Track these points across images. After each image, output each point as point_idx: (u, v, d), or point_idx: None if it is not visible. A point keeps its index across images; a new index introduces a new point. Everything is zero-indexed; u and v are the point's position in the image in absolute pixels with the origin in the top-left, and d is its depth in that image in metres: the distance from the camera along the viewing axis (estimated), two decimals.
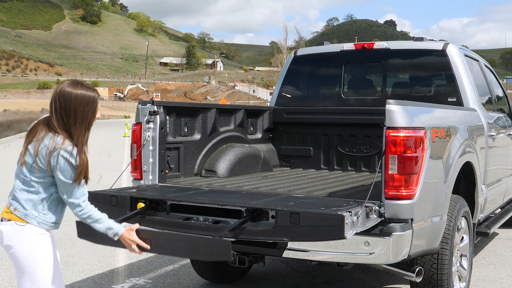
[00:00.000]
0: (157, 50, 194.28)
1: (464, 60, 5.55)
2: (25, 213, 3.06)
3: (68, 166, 3.00)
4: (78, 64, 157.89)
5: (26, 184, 3.09)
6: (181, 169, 5.00)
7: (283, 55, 65.00)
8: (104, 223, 3.14)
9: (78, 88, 3.09)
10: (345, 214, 3.25)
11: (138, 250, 3.24)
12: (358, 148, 5.88)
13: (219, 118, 5.46)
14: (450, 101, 5.42)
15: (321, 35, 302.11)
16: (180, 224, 3.89)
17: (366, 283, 5.47)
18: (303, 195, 4.16)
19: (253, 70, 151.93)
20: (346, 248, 3.62)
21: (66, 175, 3.00)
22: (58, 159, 2.98)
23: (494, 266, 6.04)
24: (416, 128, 3.70)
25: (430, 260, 4.15)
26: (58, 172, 3.00)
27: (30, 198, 3.07)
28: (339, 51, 6.20)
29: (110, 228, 3.15)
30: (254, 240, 3.62)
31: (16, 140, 28.13)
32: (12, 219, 3.06)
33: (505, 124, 6.38)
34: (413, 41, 5.91)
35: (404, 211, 3.65)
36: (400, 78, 6.38)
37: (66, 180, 3.01)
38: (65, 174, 3.00)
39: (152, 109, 4.60)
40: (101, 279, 5.53)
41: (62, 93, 3.07)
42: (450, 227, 4.22)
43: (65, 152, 2.99)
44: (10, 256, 3.11)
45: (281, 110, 6.29)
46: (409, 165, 3.64)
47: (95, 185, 11.70)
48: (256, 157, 5.65)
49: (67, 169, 3.00)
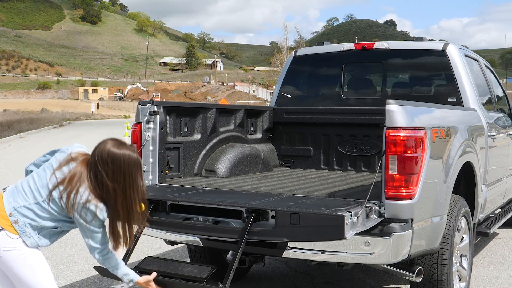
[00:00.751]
0: (157, 50, 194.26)
1: (464, 60, 5.55)
2: (23, 230, 2.96)
3: (94, 220, 2.96)
4: (78, 64, 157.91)
5: (38, 207, 2.97)
6: (181, 169, 5.00)
7: (283, 55, 65.02)
8: (120, 269, 3.19)
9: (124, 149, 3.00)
10: (345, 214, 3.25)
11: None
12: (358, 148, 5.88)
13: (219, 118, 5.46)
14: (450, 101, 5.42)
15: (321, 35, 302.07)
16: (180, 224, 3.89)
17: (366, 283, 5.47)
18: (303, 195, 4.16)
19: (253, 70, 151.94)
20: (346, 248, 3.62)
21: (91, 223, 2.97)
22: (86, 211, 2.93)
23: (494, 266, 6.04)
24: (416, 128, 3.70)
25: (430, 260, 4.15)
26: (81, 220, 2.97)
27: (34, 221, 2.97)
28: (339, 51, 6.20)
29: (127, 274, 3.21)
30: (254, 241, 3.61)
31: (16, 140, 28.12)
32: (6, 228, 2.93)
33: (505, 124, 6.38)
34: (413, 41, 5.91)
35: (404, 211, 3.65)
36: (400, 78, 6.38)
37: (89, 227, 2.98)
38: (90, 222, 2.97)
39: (152, 109, 4.60)
40: (101, 279, 5.52)
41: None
42: (450, 227, 4.22)
43: (94, 207, 2.94)
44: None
45: (281, 110, 6.29)
46: (409, 165, 3.64)
47: None
48: (256, 157, 5.65)
49: (93, 221, 2.97)
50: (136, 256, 6.13)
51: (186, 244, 4.72)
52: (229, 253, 5.46)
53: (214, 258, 5.23)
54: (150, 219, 3.95)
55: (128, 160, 2.97)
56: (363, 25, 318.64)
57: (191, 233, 4.00)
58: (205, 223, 3.81)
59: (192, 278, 3.42)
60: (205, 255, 5.20)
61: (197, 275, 3.43)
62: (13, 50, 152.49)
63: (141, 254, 6.26)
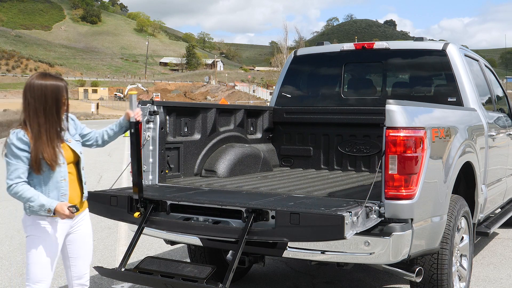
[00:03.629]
0: (157, 50, 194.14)
1: (464, 60, 5.55)
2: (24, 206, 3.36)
3: (6, 146, 3.29)
4: (78, 64, 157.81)
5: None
6: (181, 169, 5.00)
7: (283, 55, 64.98)
8: (36, 201, 3.26)
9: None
10: (345, 214, 3.25)
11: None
12: (358, 148, 5.88)
13: (219, 118, 5.46)
14: (450, 101, 5.42)
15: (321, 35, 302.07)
16: (180, 224, 3.89)
17: (366, 283, 5.47)
18: (303, 195, 4.16)
19: (253, 70, 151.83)
20: (346, 248, 3.62)
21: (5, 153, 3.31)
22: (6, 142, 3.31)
23: (494, 266, 6.04)
24: (416, 128, 3.70)
25: (430, 260, 4.15)
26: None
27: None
28: (339, 51, 6.20)
29: (42, 205, 3.27)
30: (254, 240, 3.61)
31: None
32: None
33: (505, 124, 6.38)
34: (413, 41, 5.91)
35: (404, 211, 3.65)
36: (400, 78, 6.38)
37: (5, 159, 3.30)
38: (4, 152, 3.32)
39: (152, 109, 4.60)
40: (101, 279, 5.52)
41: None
42: (450, 227, 4.22)
43: (10, 133, 3.29)
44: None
45: (281, 110, 6.29)
46: (409, 165, 3.64)
47: (95, 185, 11.71)
48: (256, 157, 5.65)
49: (6, 148, 3.30)
50: (136, 256, 6.13)
51: (186, 244, 4.72)
52: (229, 253, 5.46)
53: (214, 258, 5.23)
54: (151, 219, 3.96)
55: (45, 87, 3.33)
56: (363, 25, 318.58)
57: (191, 233, 4.00)
58: (205, 223, 3.81)
59: (192, 278, 3.42)
60: (205, 255, 5.20)
61: (197, 275, 3.43)
62: (13, 50, 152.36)
63: (141, 254, 6.26)
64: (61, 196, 3.39)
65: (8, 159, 3.27)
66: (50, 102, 3.29)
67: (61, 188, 3.39)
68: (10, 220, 8.59)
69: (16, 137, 3.26)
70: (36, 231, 3.37)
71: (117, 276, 3.71)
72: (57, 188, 3.38)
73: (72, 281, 3.62)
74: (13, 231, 7.85)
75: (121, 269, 3.64)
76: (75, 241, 3.57)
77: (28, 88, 3.29)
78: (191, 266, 3.59)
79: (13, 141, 3.25)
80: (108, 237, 7.36)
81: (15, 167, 3.26)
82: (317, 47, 6.44)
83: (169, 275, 3.47)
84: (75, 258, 3.59)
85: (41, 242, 3.37)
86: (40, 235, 3.37)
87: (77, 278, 3.62)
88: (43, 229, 3.37)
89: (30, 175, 3.33)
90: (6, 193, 3.30)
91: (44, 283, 3.42)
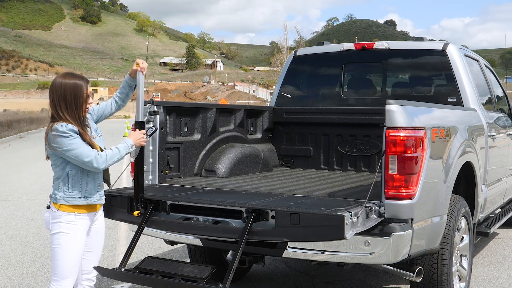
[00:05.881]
0: (157, 50, 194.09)
1: (464, 60, 5.55)
2: (55, 197, 3.46)
3: (58, 141, 3.35)
4: (78, 64, 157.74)
5: (53, 171, 3.51)
6: (181, 169, 5.00)
7: (283, 55, 64.98)
8: (121, 152, 3.53)
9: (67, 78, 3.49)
10: (345, 214, 3.25)
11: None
12: (358, 148, 5.88)
13: (219, 118, 5.46)
14: (450, 101, 5.42)
15: (321, 35, 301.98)
16: (180, 224, 3.89)
17: (366, 283, 5.47)
18: (303, 195, 4.16)
19: (253, 70, 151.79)
20: (346, 248, 3.62)
21: (61, 145, 3.36)
22: (49, 136, 3.38)
23: (494, 266, 6.04)
24: (416, 128, 3.70)
25: (430, 260, 4.15)
26: (54, 146, 3.36)
27: (56, 183, 3.49)
28: (339, 51, 6.20)
29: (127, 148, 3.57)
30: (254, 241, 3.61)
31: (16, 140, 28.13)
32: (53, 205, 3.48)
33: (505, 124, 6.38)
34: (413, 41, 5.91)
35: (404, 211, 3.65)
36: (400, 78, 6.38)
37: (65, 148, 3.36)
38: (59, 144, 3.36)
39: (152, 109, 4.59)
40: (101, 279, 5.52)
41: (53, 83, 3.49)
42: (450, 227, 4.22)
43: (53, 130, 3.37)
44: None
45: (281, 110, 6.29)
46: (409, 165, 3.64)
47: None
48: (256, 157, 5.65)
49: (59, 143, 3.36)
50: (136, 256, 6.13)
51: (186, 244, 4.72)
52: (229, 253, 5.46)
53: (214, 258, 5.23)
54: (151, 219, 3.96)
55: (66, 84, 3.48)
56: (363, 25, 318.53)
57: (191, 233, 4.00)
58: (205, 223, 3.81)
59: (192, 278, 3.42)
60: (205, 255, 5.20)
61: (197, 275, 3.43)
62: (13, 50, 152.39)
63: (141, 254, 6.27)
64: (97, 187, 3.56)
65: (71, 148, 3.36)
66: (70, 99, 3.43)
67: (97, 179, 3.57)
68: (10, 220, 8.59)
69: (66, 128, 3.37)
70: (63, 228, 3.45)
71: (117, 276, 3.72)
72: (94, 179, 3.54)
73: (80, 275, 3.65)
74: (13, 231, 7.85)
75: (121, 269, 3.64)
76: (92, 235, 3.66)
77: (51, 87, 3.49)
78: (191, 266, 3.59)
79: (65, 130, 3.36)
80: (108, 237, 7.36)
81: (83, 148, 3.38)
82: (317, 47, 6.44)
83: (169, 275, 3.47)
84: (88, 252, 3.66)
85: (69, 238, 3.46)
86: (68, 232, 3.46)
87: (86, 273, 3.68)
88: (70, 225, 3.46)
89: (70, 165, 3.44)
90: (6, 193, 3.31)
91: (72, 279, 3.52)
